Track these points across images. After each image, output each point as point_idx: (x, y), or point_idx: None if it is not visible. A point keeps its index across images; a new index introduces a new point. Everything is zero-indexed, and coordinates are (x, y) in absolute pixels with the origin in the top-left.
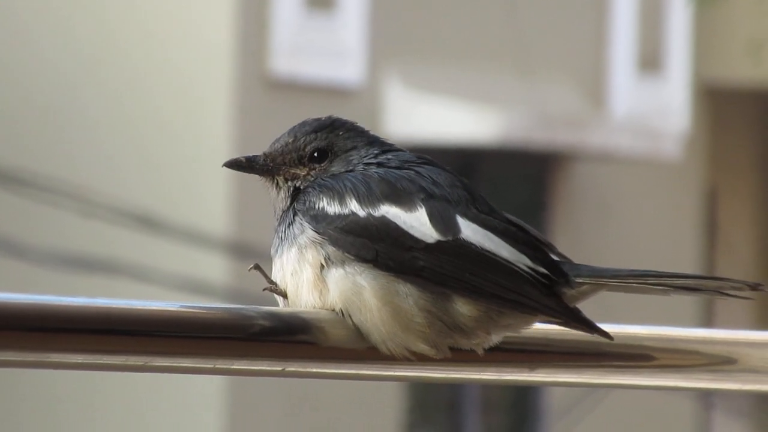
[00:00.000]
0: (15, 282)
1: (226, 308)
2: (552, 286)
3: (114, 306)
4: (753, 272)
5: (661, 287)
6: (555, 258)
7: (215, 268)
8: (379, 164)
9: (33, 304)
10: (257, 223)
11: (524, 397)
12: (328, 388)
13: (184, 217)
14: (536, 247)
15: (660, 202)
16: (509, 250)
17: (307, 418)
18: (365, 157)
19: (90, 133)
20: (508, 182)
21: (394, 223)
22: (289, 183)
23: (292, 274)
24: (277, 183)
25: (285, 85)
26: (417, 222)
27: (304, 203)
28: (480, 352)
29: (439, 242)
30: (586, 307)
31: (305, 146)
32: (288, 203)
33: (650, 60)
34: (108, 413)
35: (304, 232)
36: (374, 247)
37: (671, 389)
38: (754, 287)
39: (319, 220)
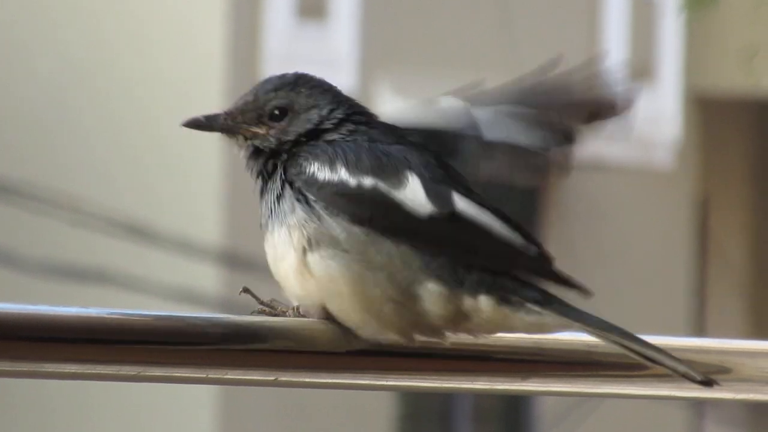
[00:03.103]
0: (6, 292)
1: (219, 317)
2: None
3: (107, 316)
4: (745, 280)
5: (622, 347)
6: (540, 244)
7: (207, 277)
8: (354, 131)
9: (25, 314)
10: (249, 232)
11: (516, 406)
12: (320, 396)
13: (176, 226)
14: (522, 228)
15: (652, 210)
16: (502, 226)
17: (300, 426)
18: (327, 119)
19: (82, 143)
20: (499, 190)
21: (389, 195)
22: (249, 142)
23: (283, 258)
24: (238, 142)
25: None
26: (411, 194)
27: (298, 173)
28: (446, 344)
29: (434, 215)
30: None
31: (264, 104)
32: (264, 164)
33: (642, 69)
34: (102, 418)
35: (295, 211)
36: (369, 212)
37: (664, 398)
38: (705, 383)
39: (310, 184)
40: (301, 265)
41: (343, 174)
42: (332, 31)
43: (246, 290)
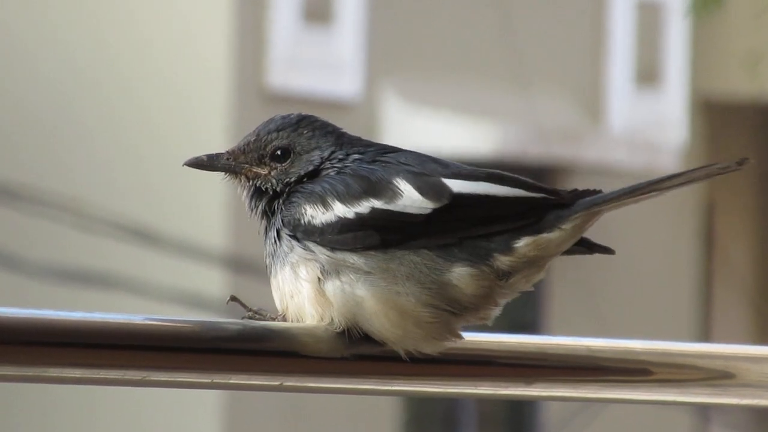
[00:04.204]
0: (11, 296)
1: (224, 322)
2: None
3: (112, 320)
4: (750, 285)
5: (654, 193)
6: (543, 185)
7: (212, 281)
8: (346, 167)
9: (29, 318)
10: (254, 236)
11: (521, 411)
12: (325, 400)
13: (181, 230)
14: (523, 181)
15: (657, 216)
16: (502, 189)
17: (304, 430)
18: (329, 159)
19: (86, 147)
20: None
21: (389, 210)
22: (251, 182)
23: (292, 296)
24: (240, 182)
25: (282, 98)
26: (408, 201)
27: (291, 220)
28: (490, 323)
29: (436, 210)
30: (579, 320)
31: (266, 145)
32: (265, 206)
33: (647, 73)
34: (105, 420)
35: (294, 249)
36: (377, 233)
37: (669, 404)
38: (740, 163)
39: (309, 232)
40: (318, 294)
41: (338, 209)
42: (337, 35)
43: (234, 299)
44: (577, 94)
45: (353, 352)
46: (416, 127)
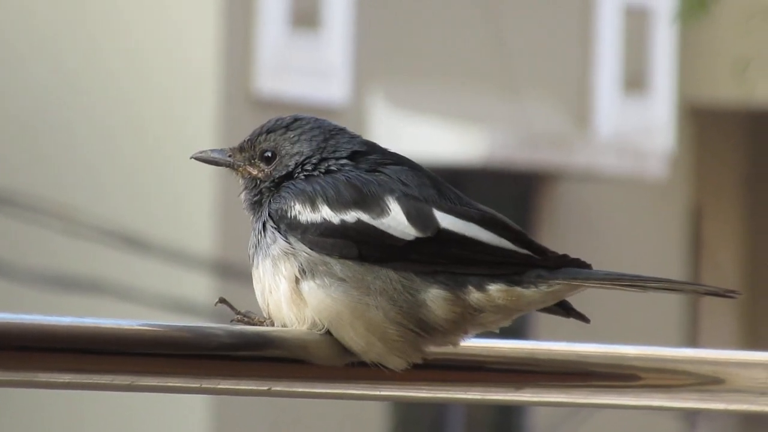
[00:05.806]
0: (0, 301)
1: (211, 327)
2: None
3: (101, 326)
4: (738, 290)
5: (637, 288)
6: (532, 240)
7: (200, 287)
8: (329, 171)
9: (19, 323)
10: (242, 243)
11: (509, 416)
12: (313, 405)
13: (170, 236)
14: (514, 231)
15: (645, 221)
16: (489, 236)
17: None
18: (302, 165)
19: (75, 153)
20: (493, 202)
21: (373, 226)
22: (244, 180)
23: (271, 291)
24: (237, 178)
25: (270, 104)
26: (394, 222)
27: (277, 211)
28: (456, 345)
29: (419, 239)
30: (568, 325)
31: (256, 147)
32: (255, 203)
33: (635, 80)
34: (94, 423)
35: (276, 242)
36: (356, 246)
37: (658, 409)
38: (723, 294)
39: (293, 227)
40: (294, 294)
41: (325, 212)
42: (326, 41)
43: (222, 301)
44: (565, 100)
45: (353, 359)
46: (405, 132)
